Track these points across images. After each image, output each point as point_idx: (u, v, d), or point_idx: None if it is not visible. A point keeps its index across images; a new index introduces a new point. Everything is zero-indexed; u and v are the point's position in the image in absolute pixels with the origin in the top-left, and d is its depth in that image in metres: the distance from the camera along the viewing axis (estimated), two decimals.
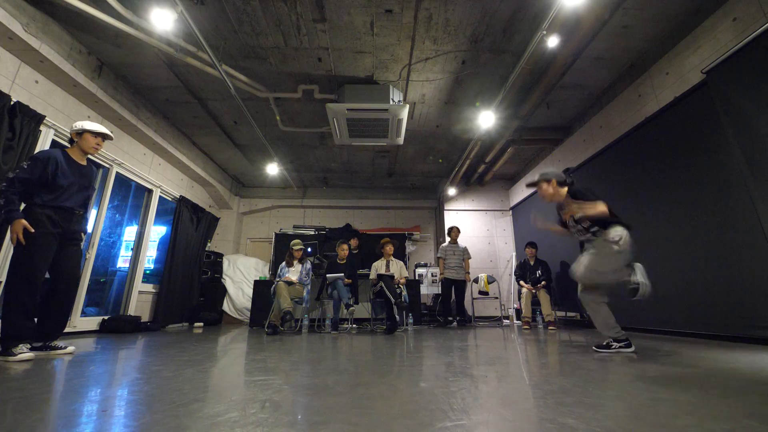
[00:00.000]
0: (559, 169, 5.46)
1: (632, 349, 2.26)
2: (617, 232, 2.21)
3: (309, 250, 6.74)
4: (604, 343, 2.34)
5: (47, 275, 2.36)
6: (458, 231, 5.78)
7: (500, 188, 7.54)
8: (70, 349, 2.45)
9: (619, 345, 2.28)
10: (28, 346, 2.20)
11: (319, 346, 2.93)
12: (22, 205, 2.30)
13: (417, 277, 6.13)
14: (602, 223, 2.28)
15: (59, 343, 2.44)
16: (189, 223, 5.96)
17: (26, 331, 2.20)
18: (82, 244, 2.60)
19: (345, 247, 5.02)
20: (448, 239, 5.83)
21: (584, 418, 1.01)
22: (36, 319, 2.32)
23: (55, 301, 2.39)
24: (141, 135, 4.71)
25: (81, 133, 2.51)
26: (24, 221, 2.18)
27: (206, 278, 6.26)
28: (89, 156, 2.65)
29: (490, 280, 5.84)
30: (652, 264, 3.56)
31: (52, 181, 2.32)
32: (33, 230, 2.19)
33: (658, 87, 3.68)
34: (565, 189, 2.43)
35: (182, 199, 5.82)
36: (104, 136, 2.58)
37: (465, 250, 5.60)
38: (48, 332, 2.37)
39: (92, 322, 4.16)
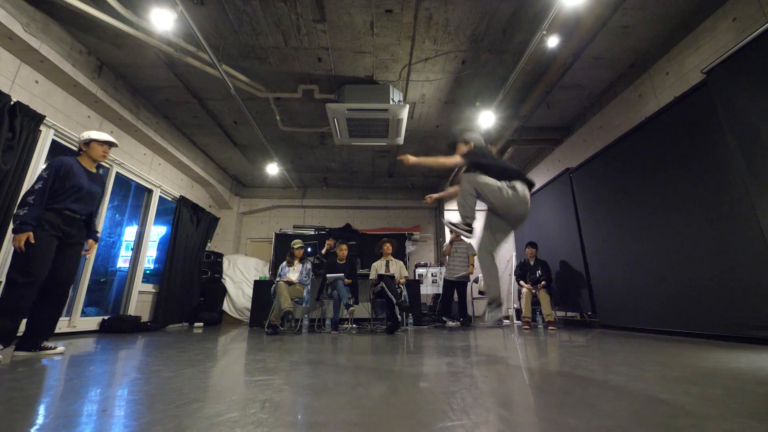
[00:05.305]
0: (558, 169, 5.48)
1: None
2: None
3: (309, 249, 6.74)
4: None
5: None
6: None
7: None
8: (60, 349, 2.46)
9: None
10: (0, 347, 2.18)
11: (319, 346, 2.93)
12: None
13: (417, 277, 6.13)
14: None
15: (49, 343, 2.45)
16: (189, 223, 5.95)
17: (3, 332, 2.16)
18: (89, 249, 2.67)
19: (344, 247, 5.03)
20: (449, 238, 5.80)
21: (584, 418, 1.01)
22: (26, 320, 2.33)
23: (47, 302, 2.40)
24: (141, 135, 4.71)
25: (88, 142, 2.62)
26: (30, 234, 2.24)
27: (206, 278, 6.26)
28: (99, 163, 2.76)
29: None
30: (651, 264, 3.56)
31: (60, 185, 2.41)
32: (33, 241, 2.25)
33: (658, 87, 3.68)
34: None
35: (182, 199, 5.81)
36: (110, 144, 2.69)
37: (470, 247, 5.59)
38: (38, 332, 2.37)
39: (92, 322, 4.15)
